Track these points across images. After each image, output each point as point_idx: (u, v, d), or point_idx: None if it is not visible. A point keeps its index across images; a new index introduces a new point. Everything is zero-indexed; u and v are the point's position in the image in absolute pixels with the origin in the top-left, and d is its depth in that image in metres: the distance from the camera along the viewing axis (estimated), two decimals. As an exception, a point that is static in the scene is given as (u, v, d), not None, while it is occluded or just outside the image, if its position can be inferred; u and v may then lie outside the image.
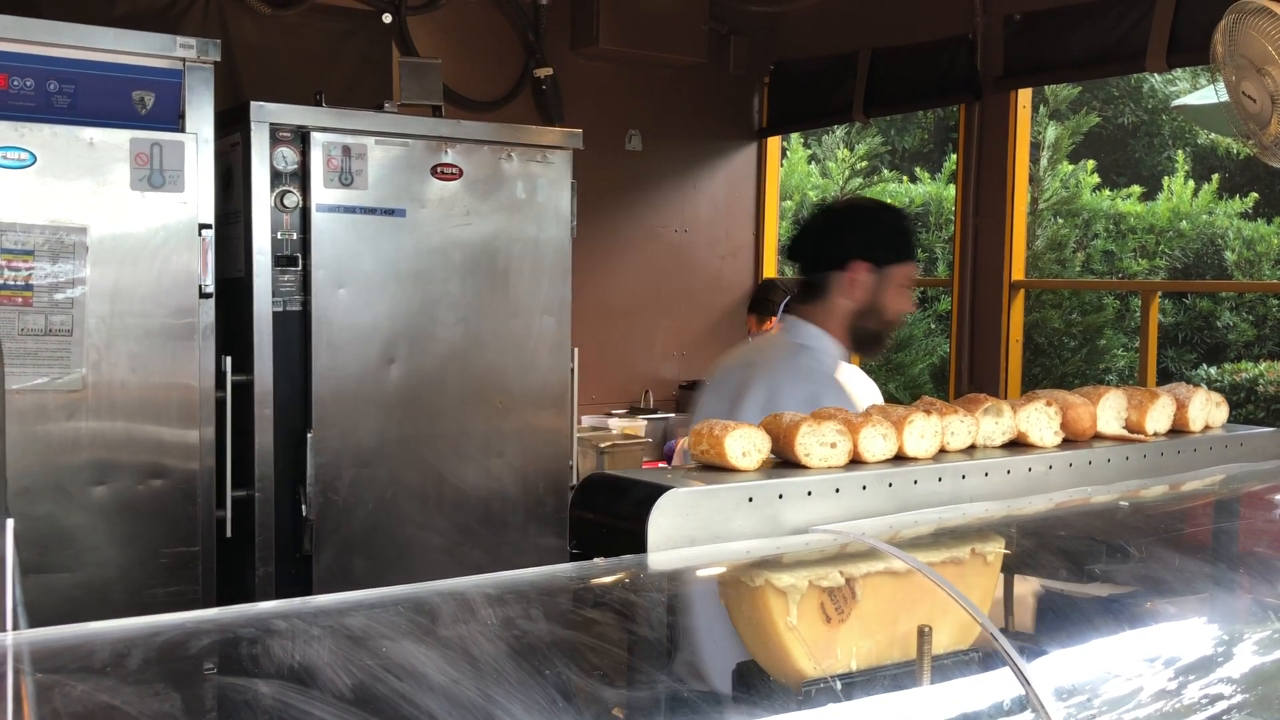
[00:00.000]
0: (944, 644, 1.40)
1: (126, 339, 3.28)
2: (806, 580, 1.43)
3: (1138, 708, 1.40)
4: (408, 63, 4.17)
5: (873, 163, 11.04)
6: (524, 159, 4.06)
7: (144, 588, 3.32)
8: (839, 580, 1.46)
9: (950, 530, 1.50)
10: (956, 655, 1.39)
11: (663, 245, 5.75)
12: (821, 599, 1.41)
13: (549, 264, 4.11)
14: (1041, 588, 1.65)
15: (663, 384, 5.73)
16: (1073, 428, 1.69)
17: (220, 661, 1.04)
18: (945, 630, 1.40)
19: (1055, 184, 10.03)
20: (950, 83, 5.08)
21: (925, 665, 1.36)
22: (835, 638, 1.41)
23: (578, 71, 5.36)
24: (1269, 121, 3.30)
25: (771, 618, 1.38)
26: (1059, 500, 1.60)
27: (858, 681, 1.37)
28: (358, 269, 3.76)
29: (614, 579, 1.33)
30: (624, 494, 1.34)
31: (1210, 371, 9.54)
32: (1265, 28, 3.19)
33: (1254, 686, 1.58)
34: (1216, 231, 10.33)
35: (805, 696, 1.33)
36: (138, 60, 3.31)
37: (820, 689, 1.35)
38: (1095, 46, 4.58)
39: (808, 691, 1.34)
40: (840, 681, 1.35)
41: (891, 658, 1.40)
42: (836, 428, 1.49)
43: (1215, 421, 1.87)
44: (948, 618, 1.40)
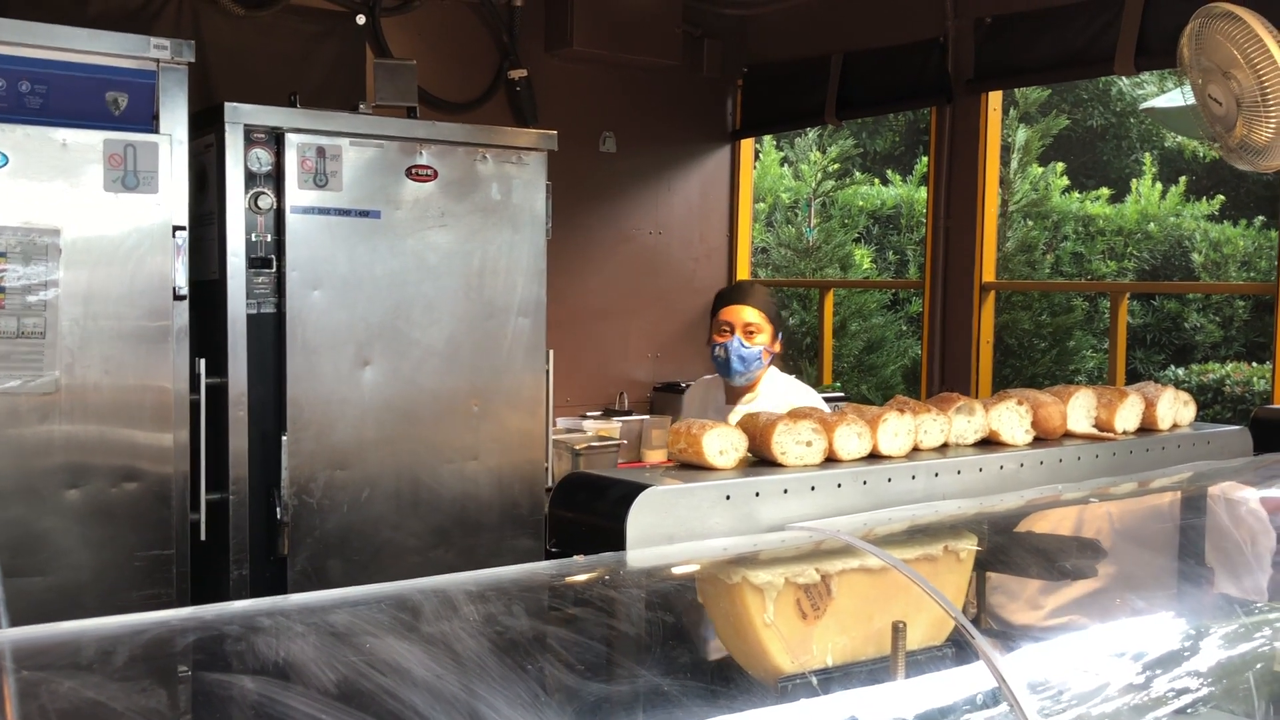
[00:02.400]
0: (918, 639, 1.42)
1: (100, 341, 3.27)
2: (783, 577, 1.45)
3: (1107, 700, 1.43)
4: (382, 64, 4.17)
5: (845, 165, 11.10)
6: (499, 160, 4.07)
7: (118, 591, 3.30)
8: (815, 577, 1.47)
9: (924, 527, 1.53)
10: (931, 650, 1.42)
11: (637, 247, 5.76)
12: (798, 596, 1.43)
13: (524, 266, 4.11)
14: (1013, 583, 1.67)
15: (637, 386, 5.75)
16: (1043, 426, 1.72)
17: (206, 658, 1.05)
18: (920, 625, 1.43)
19: (1025, 186, 10.12)
20: (921, 86, 5.12)
21: (900, 660, 1.38)
22: (811, 634, 1.43)
23: (552, 73, 5.37)
24: (1234, 125, 3.35)
25: (749, 614, 1.40)
26: (1030, 497, 1.63)
27: (834, 677, 1.38)
28: (332, 271, 3.76)
29: (594, 575, 1.34)
30: (603, 493, 1.35)
31: (1178, 372, 9.64)
32: (1231, 32, 3.24)
33: (1220, 679, 1.61)
34: (1184, 233, 10.45)
35: (782, 692, 1.35)
36: (111, 61, 3.29)
37: (797, 684, 1.36)
38: (1065, 50, 4.63)
39: (784, 687, 1.36)
40: (816, 677, 1.37)
41: (867, 653, 1.42)
42: (812, 426, 1.51)
43: (1183, 420, 1.90)
44: (922, 613, 1.42)
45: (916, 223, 10.48)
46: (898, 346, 9.84)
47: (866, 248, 10.62)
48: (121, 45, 3.31)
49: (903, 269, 10.78)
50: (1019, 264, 9.88)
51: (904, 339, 9.92)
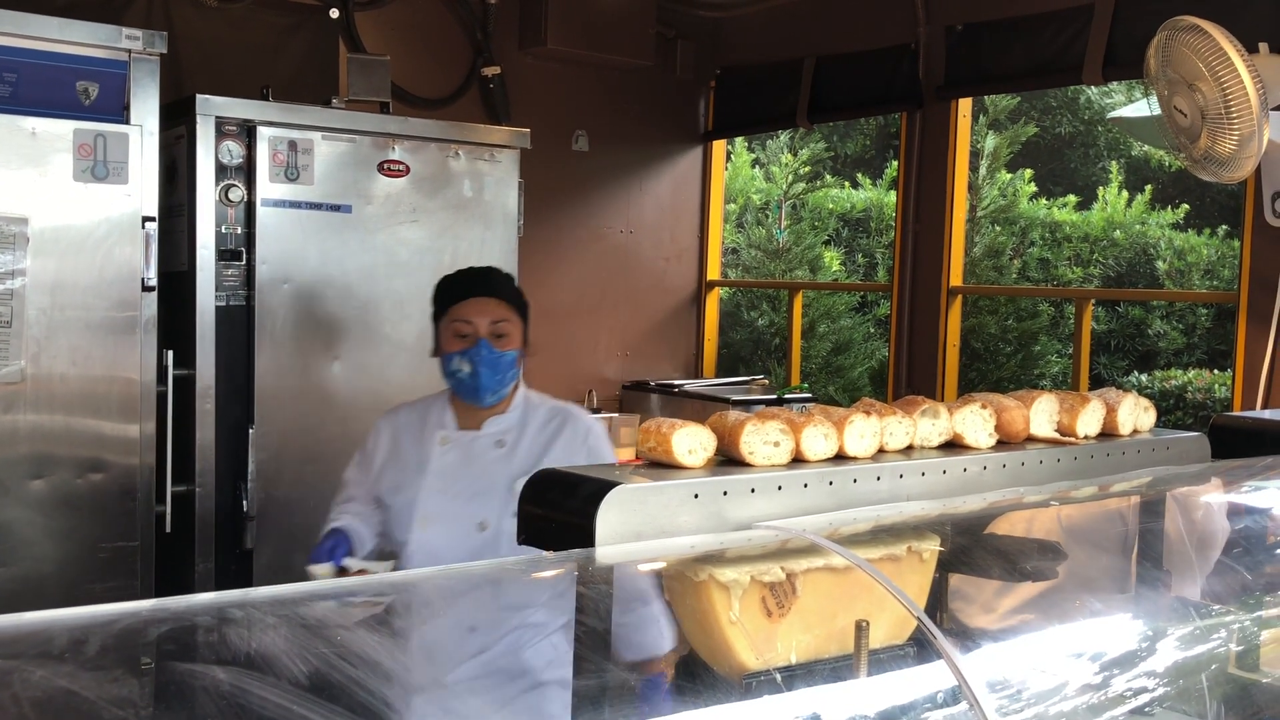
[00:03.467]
0: (881, 638, 1.45)
1: (67, 332, 3.25)
2: (749, 575, 1.47)
3: (1065, 699, 1.46)
4: (356, 59, 4.17)
5: (816, 168, 11.15)
6: (471, 157, 4.07)
7: (82, 583, 3.29)
8: (780, 576, 1.50)
9: (888, 527, 1.55)
10: (893, 649, 1.44)
11: (608, 246, 5.78)
12: (763, 594, 1.45)
13: (495, 262, 4.10)
14: (975, 584, 1.70)
15: (606, 384, 5.76)
16: (1007, 430, 1.74)
17: (178, 648, 1.05)
18: (882, 624, 1.45)
19: (993, 192, 10.20)
20: (893, 91, 5.16)
21: (863, 658, 1.40)
22: (776, 632, 1.45)
23: (526, 71, 5.38)
24: (1199, 136, 3.40)
25: (715, 612, 1.42)
26: (993, 500, 1.66)
27: (797, 674, 1.41)
28: (302, 264, 3.75)
29: (562, 571, 1.36)
30: (573, 489, 1.37)
31: (1141, 378, 9.75)
32: (1196, 45, 3.29)
33: (1175, 680, 1.65)
34: (1149, 241, 10.56)
35: (746, 688, 1.37)
36: (82, 50, 3.28)
37: (761, 681, 1.39)
38: (1034, 58, 4.68)
39: (749, 684, 1.38)
40: (780, 674, 1.39)
41: (830, 651, 1.44)
42: (780, 427, 1.53)
43: (1143, 426, 1.94)
44: (885, 612, 1.45)
45: (886, 226, 10.54)
46: (865, 349, 9.90)
47: (836, 250, 10.68)
48: (93, 35, 3.29)
49: (871, 272, 10.84)
50: (986, 269, 9.96)
51: (872, 341, 9.98)
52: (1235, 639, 1.82)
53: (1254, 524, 2.00)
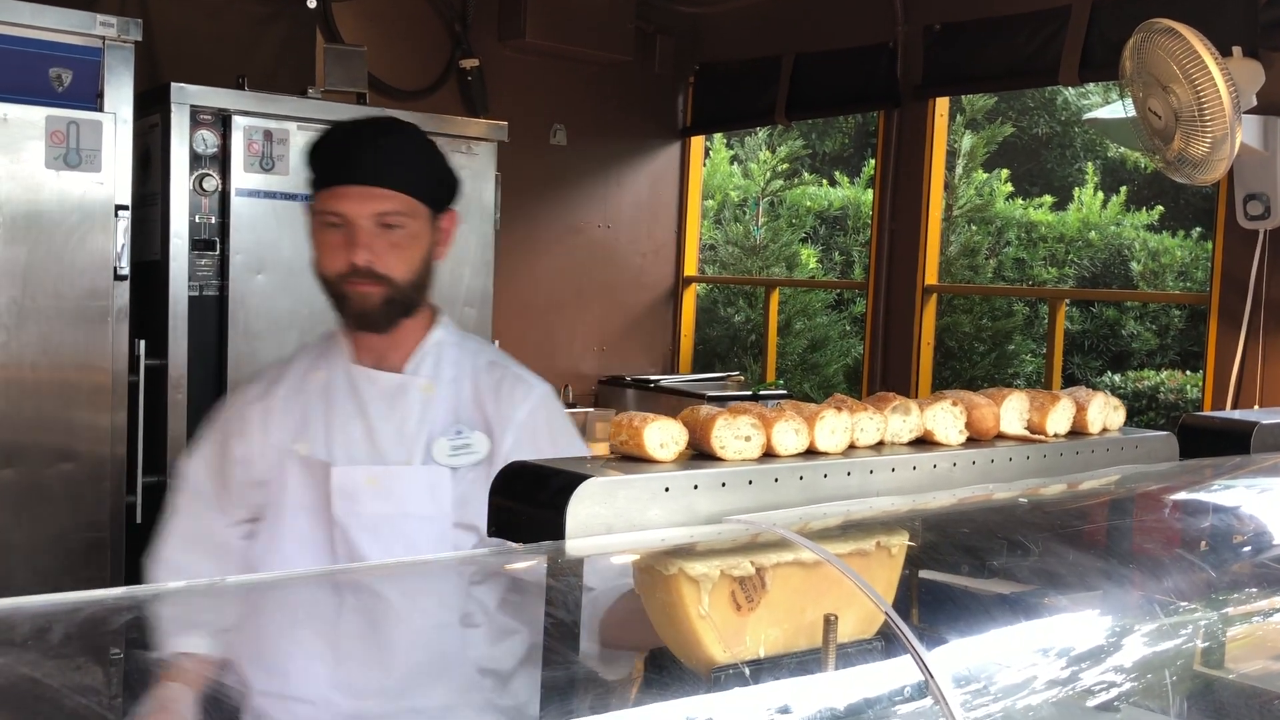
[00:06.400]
0: (849, 632, 1.45)
1: (38, 320, 3.23)
2: (719, 570, 1.47)
3: (1032, 694, 1.47)
4: (332, 49, 4.15)
5: (794, 165, 11.17)
6: (449, 150, 4.02)
7: (51, 573, 3.27)
8: (750, 570, 1.50)
9: (857, 523, 1.55)
10: (860, 643, 1.45)
11: (585, 241, 5.77)
12: (732, 588, 1.46)
13: (471, 256, 4.12)
14: (943, 580, 1.71)
15: (583, 379, 5.76)
16: (977, 427, 1.75)
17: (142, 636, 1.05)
18: (850, 619, 1.46)
19: (970, 192, 10.25)
20: (870, 89, 5.18)
21: (831, 652, 1.41)
22: (745, 625, 1.46)
23: (504, 64, 5.37)
24: (1173, 138, 3.43)
25: (684, 605, 1.42)
26: (962, 496, 1.66)
27: (765, 668, 1.41)
28: (277, 255, 3.73)
29: (531, 564, 1.36)
30: (544, 482, 1.36)
31: (1114, 378, 9.82)
32: (1171, 47, 3.31)
33: (1142, 676, 1.66)
34: (1124, 242, 10.63)
35: (715, 681, 1.37)
36: (55, 37, 3.25)
37: (729, 674, 1.39)
38: (1011, 59, 4.70)
39: (717, 676, 1.38)
40: (749, 667, 1.40)
41: (799, 645, 1.44)
42: (751, 422, 1.53)
43: (1113, 425, 1.95)
44: (853, 607, 1.45)
45: (862, 224, 10.58)
46: (841, 346, 9.93)
47: (813, 248, 10.70)
48: (66, 21, 3.27)
49: (848, 270, 10.88)
50: (961, 268, 10.01)
51: (847, 339, 10.01)
52: (1201, 636, 1.84)
53: (1220, 522, 2.02)
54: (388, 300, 1.96)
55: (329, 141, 2.00)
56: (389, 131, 2.03)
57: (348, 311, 1.98)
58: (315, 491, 1.96)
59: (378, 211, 1.94)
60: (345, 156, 1.97)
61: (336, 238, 1.94)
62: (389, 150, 2.00)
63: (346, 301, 1.97)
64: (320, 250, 1.97)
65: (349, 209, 1.93)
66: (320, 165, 1.99)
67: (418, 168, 2.02)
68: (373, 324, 1.98)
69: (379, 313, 1.96)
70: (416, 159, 2.02)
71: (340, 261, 1.94)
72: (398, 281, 1.96)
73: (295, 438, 1.98)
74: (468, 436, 1.97)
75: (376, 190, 1.94)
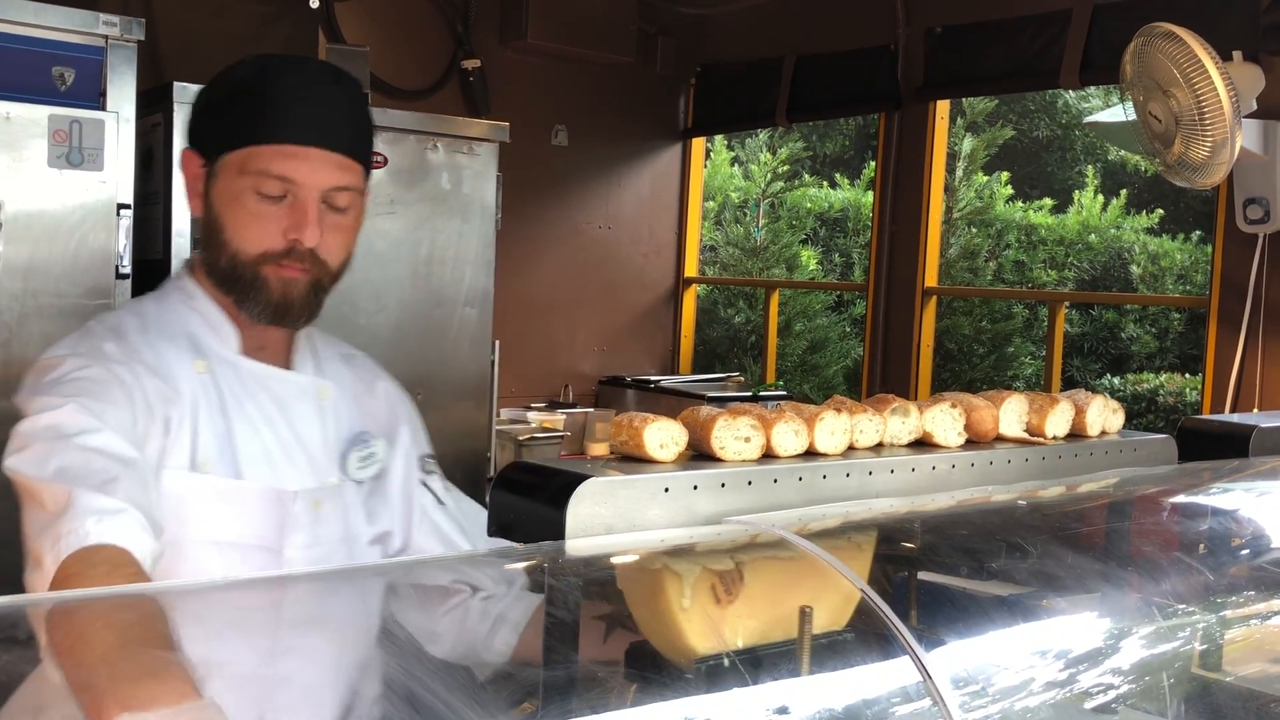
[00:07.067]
0: (822, 624, 1.46)
1: (39, 318, 3.23)
2: (717, 570, 1.48)
3: (1029, 696, 1.47)
4: (335, 49, 4.16)
5: (794, 167, 11.18)
6: (450, 150, 4.07)
7: (50, 571, 3.27)
8: (747, 569, 1.51)
9: (856, 524, 1.56)
10: (833, 634, 1.45)
11: (586, 241, 5.78)
12: (713, 581, 1.47)
13: (472, 256, 4.12)
14: (941, 581, 1.71)
15: (583, 379, 5.77)
16: (976, 429, 1.76)
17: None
18: (824, 610, 1.46)
19: (970, 194, 10.26)
20: (871, 91, 5.18)
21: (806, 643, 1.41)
22: (744, 626, 1.46)
23: (506, 65, 5.37)
24: (1173, 141, 3.43)
25: (666, 598, 1.43)
26: (961, 498, 1.67)
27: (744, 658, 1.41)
28: (278, 255, 3.74)
29: (532, 563, 1.36)
30: (545, 481, 1.37)
31: (1114, 381, 9.83)
32: (1172, 52, 3.32)
33: (1139, 678, 1.66)
34: (1123, 245, 10.64)
35: (698, 672, 1.38)
36: (58, 36, 3.26)
37: (710, 665, 1.39)
38: (1012, 62, 4.71)
39: (699, 667, 1.38)
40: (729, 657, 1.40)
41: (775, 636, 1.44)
42: (751, 423, 1.54)
43: (1112, 427, 1.95)
44: (825, 599, 1.47)
45: (863, 226, 10.58)
46: (840, 348, 9.94)
47: (813, 249, 10.71)
48: (69, 20, 3.27)
49: (848, 271, 10.89)
50: (961, 270, 10.02)
51: (847, 340, 10.02)
52: (1198, 639, 1.84)
53: (1218, 525, 2.02)
54: (315, 290, 1.64)
55: (269, 79, 1.57)
56: (340, 80, 1.65)
57: (260, 300, 1.59)
58: (239, 521, 1.57)
59: (335, 185, 1.60)
60: (301, 106, 1.57)
61: (272, 209, 1.56)
62: (346, 107, 1.63)
63: (263, 288, 1.58)
64: (240, 220, 1.56)
65: (303, 176, 1.56)
66: (254, 109, 1.56)
67: (369, 133, 1.70)
68: (290, 318, 1.63)
69: (302, 305, 1.62)
70: (367, 121, 1.69)
71: (273, 237, 1.57)
72: (332, 269, 1.64)
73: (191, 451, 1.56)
74: (372, 446, 1.73)
75: (335, 157, 1.59)
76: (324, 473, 1.67)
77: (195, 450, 1.55)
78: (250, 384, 1.63)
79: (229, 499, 1.56)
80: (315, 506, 1.63)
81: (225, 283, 1.61)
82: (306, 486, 1.63)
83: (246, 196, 1.56)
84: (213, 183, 1.59)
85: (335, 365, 1.78)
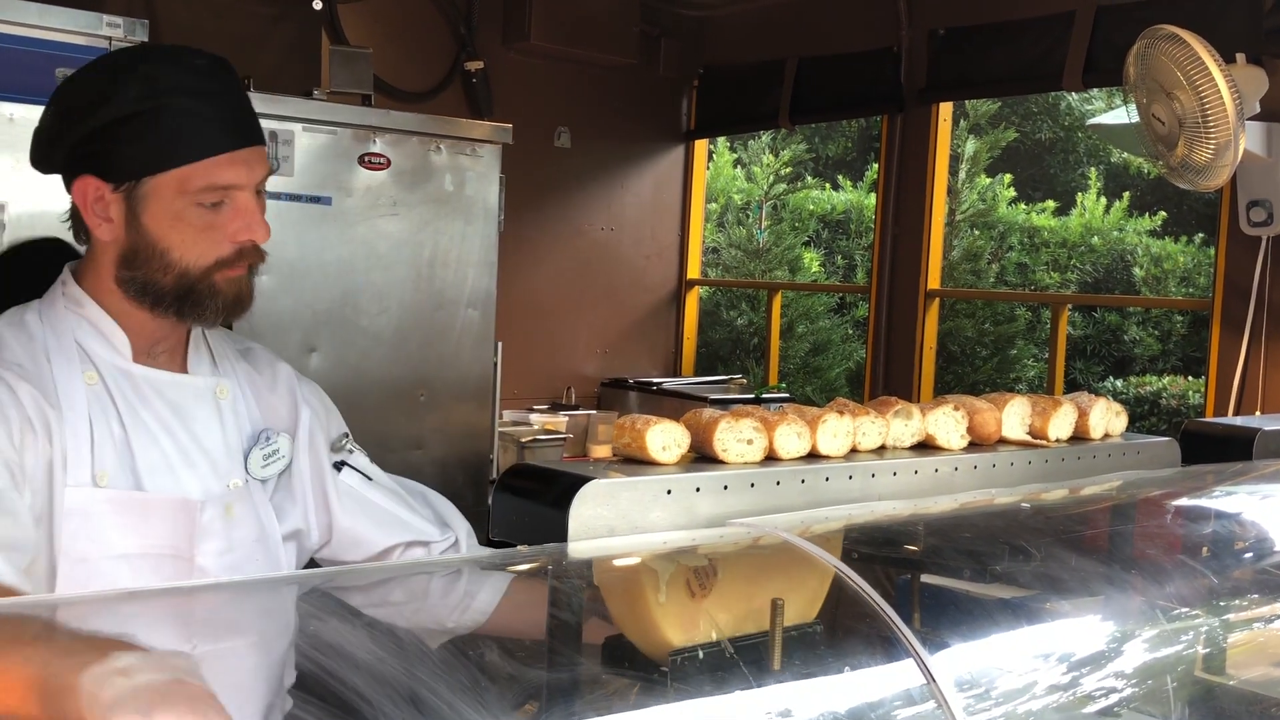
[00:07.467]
0: (794, 616, 1.46)
1: (42, 319, 3.24)
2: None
3: (1033, 699, 1.47)
4: (339, 51, 4.16)
5: (797, 169, 11.18)
6: (453, 151, 4.07)
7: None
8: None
9: (859, 526, 1.56)
10: (802, 626, 1.45)
11: (588, 243, 5.78)
12: (687, 576, 1.47)
13: (475, 257, 4.12)
14: (944, 584, 1.71)
15: (585, 380, 5.77)
16: (979, 432, 1.76)
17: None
18: (795, 604, 1.47)
19: (973, 196, 10.26)
20: (874, 93, 5.18)
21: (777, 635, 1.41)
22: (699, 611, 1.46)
23: (509, 66, 5.37)
24: (1176, 143, 3.43)
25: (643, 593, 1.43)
26: (963, 501, 1.67)
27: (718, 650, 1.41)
28: (280, 255, 3.74)
29: (536, 565, 1.36)
30: (548, 483, 1.37)
31: (1116, 384, 9.82)
32: (1175, 54, 3.32)
33: (1143, 681, 1.66)
34: (1126, 248, 10.64)
35: (673, 664, 1.38)
36: (62, 37, 3.25)
37: (686, 657, 1.39)
38: (1015, 64, 4.71)
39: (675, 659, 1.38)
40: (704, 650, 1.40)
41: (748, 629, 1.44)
42: (753, 425, 1.54)
43: (1115, 430, 1.95)
44: (796, 593, 1.47)
45: (865, 228, 10.59)
46: (843, 350, 9.94)
47: (816, 251, 10.71)
48: (73, 21, 3.27)
49: (850, 274, 10.88)
50: (964, 273, 10.02)
51: (849, 342, 10.02)
52: (1202, 642, 1.84)
53: (1221, 528, 2.02)
54: (252, 278, 1.64)
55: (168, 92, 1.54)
56: (226, 66, 1.62)
57: (213, 305, 1.59)
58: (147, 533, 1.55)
59: (264, 175, 1.61)
60: (219, 112, 1.57)
61: (216, 217, 1.55)
62: (243, 93, 1.63)
63: (217, 294, 1.58)
64: (187, 237, 1.55)
65: (243, 178, 1.57)
66: (174, 129, 1.53)
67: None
68: (240, 312, 1.63)
69: (250, 295, 1.63)
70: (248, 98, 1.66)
71: (222, 245, 1.57)
72: (265, 252, 1.64)
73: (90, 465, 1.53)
74: (275, 442, 1.71)
75: (259, 150, 1.60)
76: (227, 475, 1.65)
77: (94, 464, 1.53)
78: (145, 391, 1.60)
79: (132, 511, 1.54)
80: (227, 511, 1.63)
81: (171, 298, 1.58)
82: (212, 492, 1.61)
83: (189, 213, 1.55)
84: (140, 206, 1.55)
85: (231, 362, 1.74)
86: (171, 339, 1.65)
